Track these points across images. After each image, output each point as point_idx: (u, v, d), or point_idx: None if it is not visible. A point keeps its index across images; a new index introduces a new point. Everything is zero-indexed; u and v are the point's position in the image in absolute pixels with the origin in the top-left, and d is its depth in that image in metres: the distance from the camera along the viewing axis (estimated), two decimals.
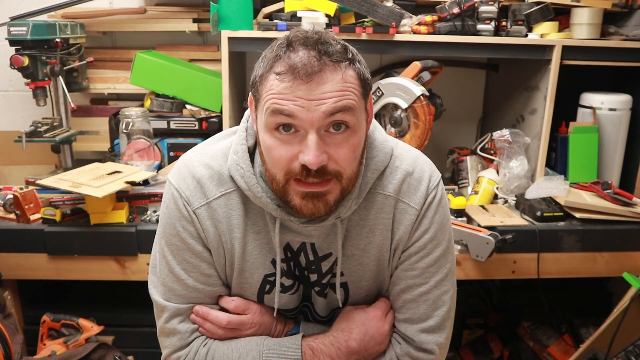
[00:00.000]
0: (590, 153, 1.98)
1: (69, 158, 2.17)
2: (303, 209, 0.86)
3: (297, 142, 0.82)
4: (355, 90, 0.83)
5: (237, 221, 0.94)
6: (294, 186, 0.85)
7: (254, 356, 0.95)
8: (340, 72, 0.81)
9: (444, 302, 0.98)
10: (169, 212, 0.96)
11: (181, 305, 0.98)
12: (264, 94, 0.83)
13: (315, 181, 0.83)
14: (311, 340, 0.97)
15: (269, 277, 0.98)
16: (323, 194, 0.85)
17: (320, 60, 0.80)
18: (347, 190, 0.88)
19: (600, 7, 1.87)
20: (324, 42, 0.81)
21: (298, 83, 0.79)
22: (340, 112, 0.81)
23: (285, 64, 0.80)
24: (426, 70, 1.87)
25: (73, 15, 2.14)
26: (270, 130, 0.83)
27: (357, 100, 0.83)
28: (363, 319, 0.98)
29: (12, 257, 1.73)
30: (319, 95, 0.79)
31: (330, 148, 0.83)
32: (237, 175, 0.92)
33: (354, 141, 0.84)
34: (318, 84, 0.79)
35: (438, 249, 0.97)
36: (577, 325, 2.15)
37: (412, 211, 0.95)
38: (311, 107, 0.79)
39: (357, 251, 0.97)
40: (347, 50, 0.84)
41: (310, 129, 0.81)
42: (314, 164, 0.80)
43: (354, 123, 0.83)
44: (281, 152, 0.83)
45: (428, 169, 0.98)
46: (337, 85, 0.80)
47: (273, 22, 1.83)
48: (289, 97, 0.80)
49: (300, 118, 0.80)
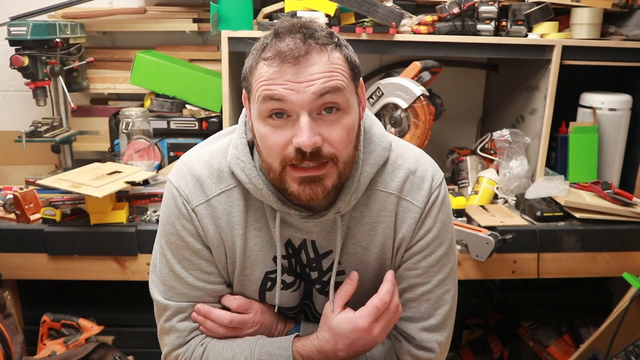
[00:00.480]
0: (590, 153, 1.98)
1: (69, 158, 2.17)
2: (301, 194, 0.86)
3: (290, 127, 0.83)
4: (343, 71, 0.84)
5: (237, 218, 0.94)
6: (290, 172, 0.85)
7: (246, 355, 0.95)
8: (326, 54, 0.82)
9: (445, 301, 0.99)
10: (169, 210, 0.96)
11: (182, 304, 0.98)
12: (254, 83, 0.84)
13: (311, 165, 0.83)
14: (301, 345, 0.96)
15: (270, 274, 0.98)
16: (320, 178, 0.85)
17: (305, 42, 0.81)
18: (345, 176, 0.88)
19: (600, 7, 1.87)
20: (309, 28, 0.83)
21: (286, 67, 0.80)
22: (330, 93, 0.81)
23: (272, 50, 0.82)
24: (426, 70, 1.87)
25: (73, 15, 2.14)
26: (263, 119, 0.84)
27: (346, 82, 0.84)
28: (348, 331, 0.93)
29: (12, 257, 1.73)
30: (307, 77, 0.80)
31: (323, 130, 0.83)
32: (237, 169, 0.92)
33: (346, 122, 0.85)
34: (306, 66, 0.80)
35: (441, 248, 0.97)
36: (577, 325, 2.15)
37: (415, 210, 0.95)
38: (300, 89, 0.80)
39: (359, 249, 0.97)
40: (333, 35, 0.85)
41: (302, 112, 0.81)
42: (307, 146, 0.81)
43: (345, 104, 0.84)
44: (275, 139, 0.83)
45: (431, 168, 0.98)
46: (325, 67, 0.81)
47: (273, 22, 1.83)
48: (278, 82, 0.81)
49: (291, 101, 0.80)
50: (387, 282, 0.96)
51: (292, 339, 0.96)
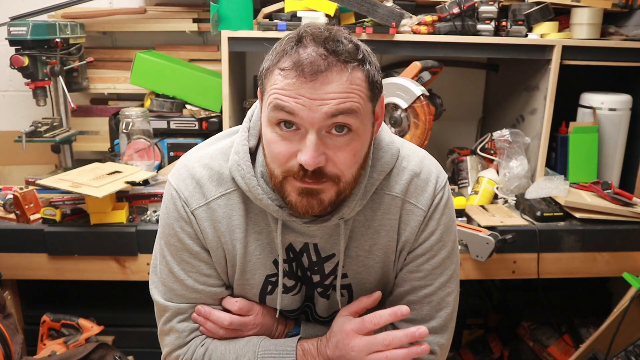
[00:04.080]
0: (590, 153, 1.98)
1: (69, 158, 2.17)
2: (298, 205, 0.85)
3: (297, 140, 0.81)
4: (362, 92, 0.81)
5: (238, 221, 0.94)
6: (291, 182, 0.84)
7: (250, 357, 0.95)
8: (346, 73, 0.78)
9: (447, 303, 0.98)
10: (168, 212, 0.96)
11: (182, 305, 0.98)
12: (268, 88, 0.82)
13: (310, 182, 0.83)
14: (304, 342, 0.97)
15: (270, 278, 0.98)
16: (317, 192, 0.84)
17: (327, 59, 0.77)
18: (344, 194, 0.87)
19: (600, 7, 1.87)
20: (335, 40, 0.79)
21: (302, 81, 0.77)
22: (343, 115, 0.79)
23: (291, 60, 0.78)
24: (426, 70, 1.87)
25: (73, 15, 2.14)
26: (271, 125, 0.82)
27: (362, 104, 0.81)
28: (336, 330, 0.94)
29: (12, 257, 1.72)
30: (322, 95, 0.77)
31: (329, 150, 0.81)
32: (238, 176, 0.91)
33: (355, 145, 0.82)
34: (322, 84, 0.77)
35: (444, 250, 0.97)
36: (577, 325, 2.15)
37: (419, 212, 0.95)
38: (313, 107, 0.78)
39: (362, 252, 0.96)
40: (359, 50, 0.81)
41: (311, 129, 0.79)
42: (310, 165, 0.79)
43: (357, 126, 0.81)
44: (280, 148, 0.82)
45: (435, 170, 0.97)
46: (342, 87, 0.78)
47: (273, 22, 1.83)
48: (291, 94, 0.78)
49: (301, 117, 0.78)
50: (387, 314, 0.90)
51: (296, 342, 0.96)
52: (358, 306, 0.96)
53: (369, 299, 0.96)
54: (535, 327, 2.21)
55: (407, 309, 0.89)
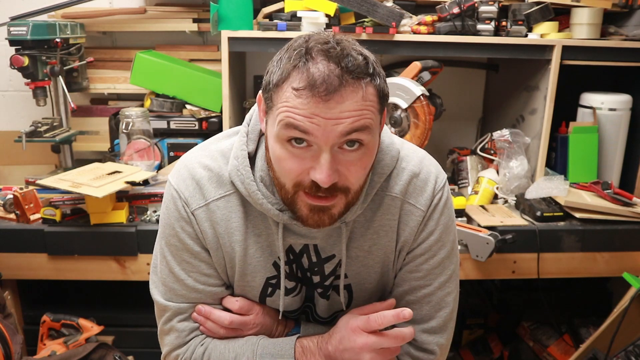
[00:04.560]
0: (590, 153, 1.98)
1: (69, 158, 2.17)
2: (309, 221, 0.86)
3: (309, 157, 0.80)
4: (374, 107, 0.80)
5: (237, 224, 0.94)
6: (302, 197, 0.84)
7: (249, 356, 0.95)
8: (361, 91, 0.77)
9: (447, 303, 0.98)
10: (168, 212, 0.96)
11: (182, 305, 0.98)
12: (278, 104, 0.80)
13: (322, 195, 0.83)
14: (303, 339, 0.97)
15: (270, 280, 0.98)
16: (329, 208, 0.84)
17: (341, 77, 0.76)
18: (352, 203, 0.87)
19: (600, 7, 1.87)
20: (346, 55, 0.77)
21: (316, 101, 0.76)
22: (357, 132, 0.78)
23: (304, 78, 0.76)
24: (426, 70, 1.87)
25: (73, 15, 2.14)
26: (281, 142, 0.81)
27: (374, 119, 0.80)
28: (342, 325, 0.95)
29: (12, 257, 1.72)
30: (337, 114, 0.76)
31: (342, 166, 0.81)
32: (237, 181, 0.91)
33: (367, 160, 0.83)
34: (337, 103, 0.76)
35: (443, 250, 0.97)
36: (577, 325, 2.15)
37: (418, 212, 0.95)
38: (328, 127, 0.77)
39: (362, 253, 0.96)
40: (369, 63, 0.80)
41: (325, 147, 0.78)
42: (325, 183, 0.79)
43: (369, 141, 0.81)
44: (292, 166, 0.81)
45: (434, 170, 0.97)
46: (357, 105, 0.77)
47: (273, 22, 1.83)
48: (305, 114, 0.76)
49: (316, 136, 0.77)
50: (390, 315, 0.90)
51: (295, 340, 0.96)
52: (371, 310, 0.95)
53: (383, 305, 0.97)
54: (535, 327, 2.21)
55: (410, 312, 0.88)
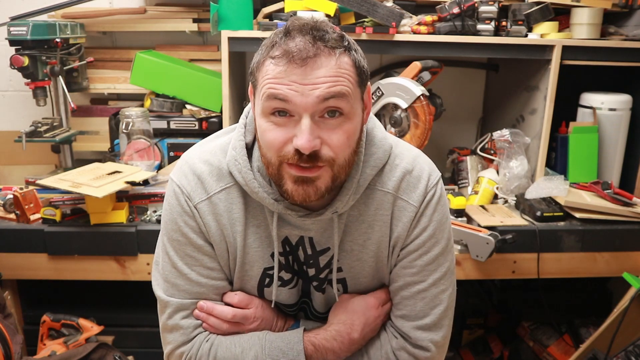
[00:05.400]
0: (590, 153, 1.98)
1: (69, 158, 2.17)
2: (294, 194, 0.87)
3: (291, 126, 0.83)
4: (350, 77, 0.84)
5: (238, 215, 0.96)
6: (287, 169, 0.86)
7: (257, 350, 0.96)
8: (334, 58, 0.82)
9: (441, 300, 0.99)
10: (171, 208, 0.97)
11: (184, 301, 0.98)
12: (260, 80, 0.85)
13: (307, 166, 0.84)
14: (312, 335, 0.98)
15: (268, 271, 0.99)
16: (313, 180, 0.86)
17: (314, 45, 0.81)
18: (339, 179, 0.89)
19: (600, 7, 1.87)
20: (320, 29, 0.83)
21: (293, 67, 0.80)
22: (334, 98, 0.82)
23: (281, 49, 0.82)
24: (426, 70, 1.87)
25: (73, 15, 2.14)
26: (266, 115, 0.85)
27: (351, 88, 0.84)
28: (363, 309, 0.99)
29: (12, 257, 1.73)
30: (313, 80, 0.80)
31: (323, 133, 0.83)
32: (235, 171, 0.93)
33: (348, 127, 0.85)
34: (312, 69, 0.80)
35: (437, 247, 0.98)
36: (577, 325, 2.15)
37: (410, 209, 0.96)
38: (305, 92, 0.80)
39: (356, 246, 0.98)
40: (344, 38, 0.85)
41: (304, 114, 0.82)
42: (306, 149, 0.81)
43: (349, 110, 0.84)
44: (275, 135, 0.84)
45: (427, 168, 0.98)
46: (332, 71, 0.81)
47: (273, 22, 1.83)
48: (283, 82, 0.81)
49: (295, 102, 0.81)
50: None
51: (302, 332, 0.98)
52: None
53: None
54: (535, 327, 2.21)
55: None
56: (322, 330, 0.99)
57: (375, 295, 1.01)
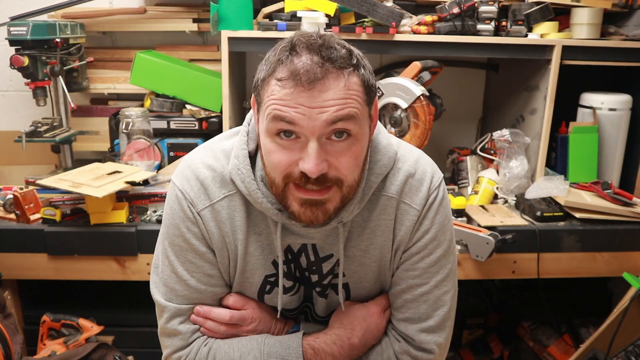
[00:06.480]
0: (590, 153, 1.97)
1: (69, 158, 2.17)
2: (301, 216, 0.86)
3: (297, 149, 0.82)
4: (359, 97, 0.81)
5: (239, 222, 0.94)
6: (293, 191, 0.85)
7: (255, 355, 0.95)
8: (343, 79, 0.79)
9: (444, 302, 0.98)
10: (173, 213, 0.96)
11: (182, 306, 0.98)
12: (265, 99, 0.82)
13: (314, 188, 0.83)
14: (312, 339, 0.97)
15: (269, 278, 0.99)
16: (322, 202, 0.85)
17: (323, 66, 0.78)
18: (348, 199, 0.88)
19: (600, 7, 1.87)
20: (328, 47, 0.79)
21: (300, 90, 0.78)
22: (342, 121, 0.80)
23: (287, 69, 0.79)
24: (426, 70, 1.87)
25: (73, 15, 2.14)
26: (270, 135, 0.83)
27: (360, 108, 0.82)
28: (364, 315, 0.99)
29: (12, 257, 1.72)
30: (321, 103, 0.78)
31: (331, 156, 0.82)
32: (237, 180, 0.92)
33: (356, 149, 0.83)
34: (320, 92, 0.78)
35: (439, 249, 0.97)
36: (577, 325, 2.15)
37: (413, 212, 0.95)
38: (312, 115, 0.78)
39: (359, 252, 0.97)
40: (352, 55, 0.82)
41: (311, 137, 0.80)
42: (313, 173, 0.80)
43: (357, 131, 0.82)
44: (281, 157, 0.83)
45: (430, 170, 0.98)
46: (340, 93, 0.79)
47: (273, 22, 1.83)
48: (290, 104, 0.78)
49: (301, 125, 0.79)
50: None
51: (301, 336, 0.97)
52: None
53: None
54: (535, 327, 2.21)
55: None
56: (322, 334, 0.99)
57: (377, 302, 1.01)
